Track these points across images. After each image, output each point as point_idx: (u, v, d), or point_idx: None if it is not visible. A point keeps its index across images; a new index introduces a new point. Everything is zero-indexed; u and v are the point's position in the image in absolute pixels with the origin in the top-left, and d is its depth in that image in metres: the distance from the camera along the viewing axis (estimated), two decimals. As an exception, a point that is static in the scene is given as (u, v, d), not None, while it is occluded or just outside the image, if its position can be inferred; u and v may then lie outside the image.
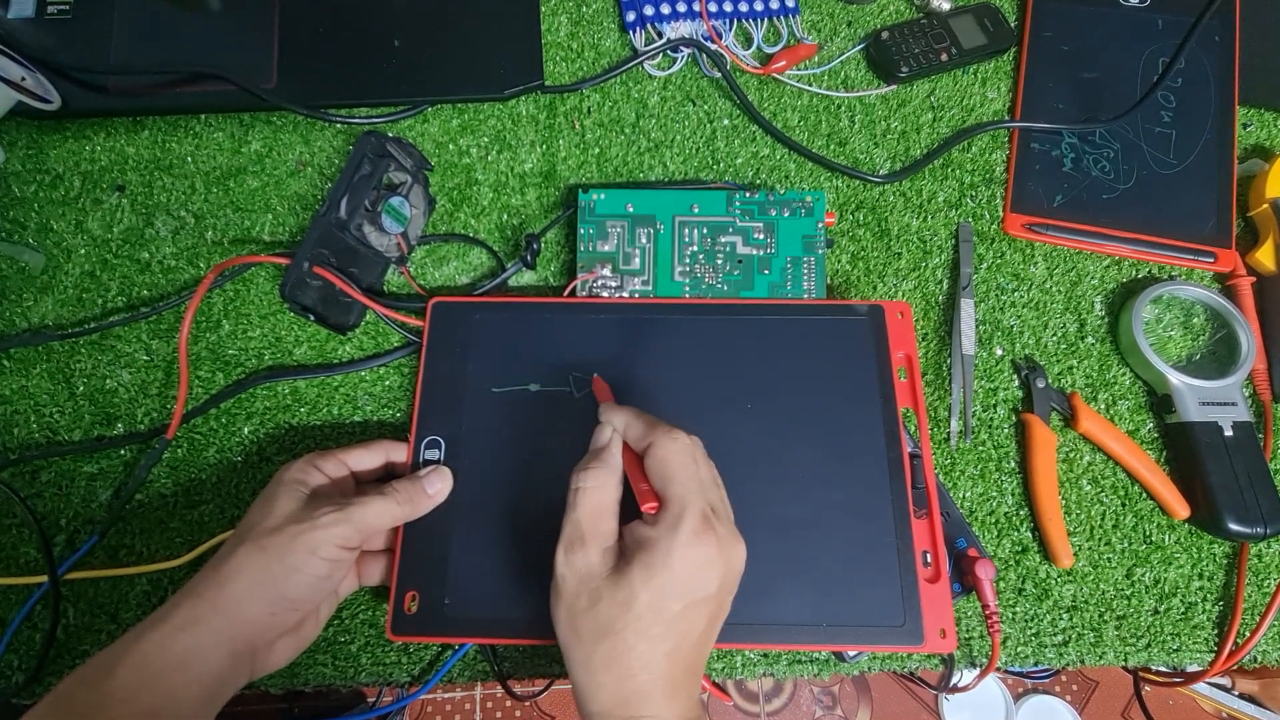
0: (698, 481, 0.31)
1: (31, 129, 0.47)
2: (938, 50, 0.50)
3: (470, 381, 0.40)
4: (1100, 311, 0.47)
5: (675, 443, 0.32)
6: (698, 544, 0.29)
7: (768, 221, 0.44)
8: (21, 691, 0.37)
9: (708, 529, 0.30)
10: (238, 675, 0.31)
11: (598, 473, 0.32)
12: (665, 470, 0.31)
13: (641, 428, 0.33)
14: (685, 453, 0.32)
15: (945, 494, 0.41)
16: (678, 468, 0.31)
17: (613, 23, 0.52)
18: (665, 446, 0.31)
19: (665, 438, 0.32)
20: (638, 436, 0.33)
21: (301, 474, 0.34)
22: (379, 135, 0.40)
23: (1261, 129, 0.52)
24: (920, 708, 1.12)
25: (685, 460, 0.31)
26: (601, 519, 0.31)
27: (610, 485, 0.32)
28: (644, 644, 0.28)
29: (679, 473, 0.31)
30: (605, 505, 0.32)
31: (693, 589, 0.29)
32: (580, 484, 0.32)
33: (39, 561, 0.39)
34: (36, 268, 0.44)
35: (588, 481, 0.32)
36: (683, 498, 0.30)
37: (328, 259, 0.39)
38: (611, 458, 0.33)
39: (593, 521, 0.31)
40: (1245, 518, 0.40)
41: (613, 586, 0.29)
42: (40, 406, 0.42)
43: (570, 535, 0.31)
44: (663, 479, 0.31)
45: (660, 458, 0.31)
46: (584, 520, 0.31)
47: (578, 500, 0.32)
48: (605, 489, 0.32)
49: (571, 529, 0.31)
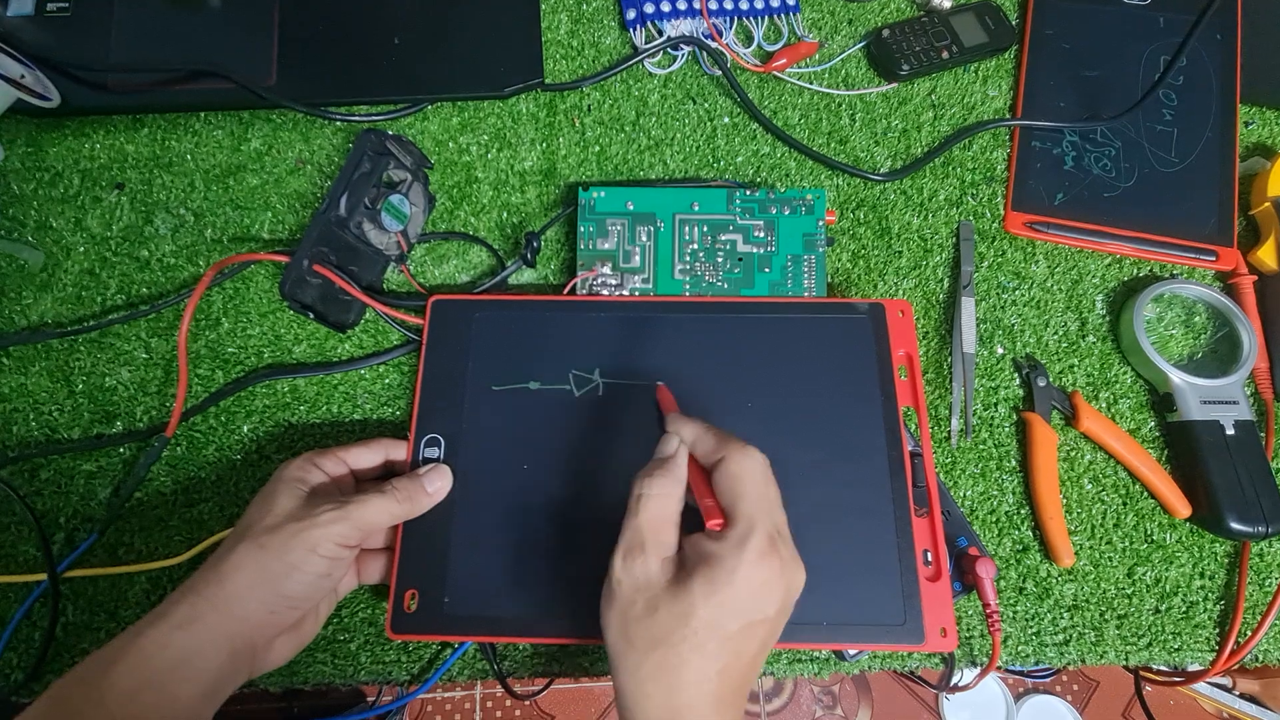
0: (767, 501, 0.30)
1: (31, 126, 0.47)
2: (939, 48, 0.50)
3: (470, 379, 0.40)
4: (1101, 310, 0.47)
5: (750, 459, 0.31)
6: (762, 565, 0.29)
7: (768, 219, 0.44)
8: (20, 690, 0.37)
9: (773, 550, 0.29)
10: (237, 673, 0.31)
11: (664, 481, 0.32)
12: (736, 487, 0.30)
13: (713, 441, 0.32)
14: (758, 470, 0.31)
15: (946, 492, 0.41)
16: (749, 484, 0.30)
17: (613, 20, 0.52)
18: (739, 463, 0.31)
19: (739, 453, 0.31)
20: (708, 450, 0.32)
21: (301, 472, 0.34)
22: (379, 133, 0.40)
23: (1263, 127, 0.52)
24: (920, 707, 1.12)
25: (757, 478, 0.31)
26: (663, 528, 0.31)
27: (675, 495, 0.32)
28: (698, 659, 0.28)
29: (750, 490, 0.30)
30: (668, 514, 0.31)
31: (752, 609, 0.29)
32: (644, 490, 0.31)
33: (38, 559, 0.39)
34: (35, 265, 0.44)
35: (653, 489, 0.31)
36: (751, 516, 0.30)
37: (327, 257, 0.39)
38: (678, 468, 0.32)
39: (654, 530, 0.30)
40: (1247, 516, 0.40)
41: (671, 598, 0.29)
42: (39, 404, 0.41)
43: (630, 541, 0.30)
44: (732, 495, 0.30)
45: (733, 474, 0.31)
46: (645, 527, 0.30)
47: (641, 507, 0.31)
48: (670, 498, 0.31)
49: (632, 534, 0.30)
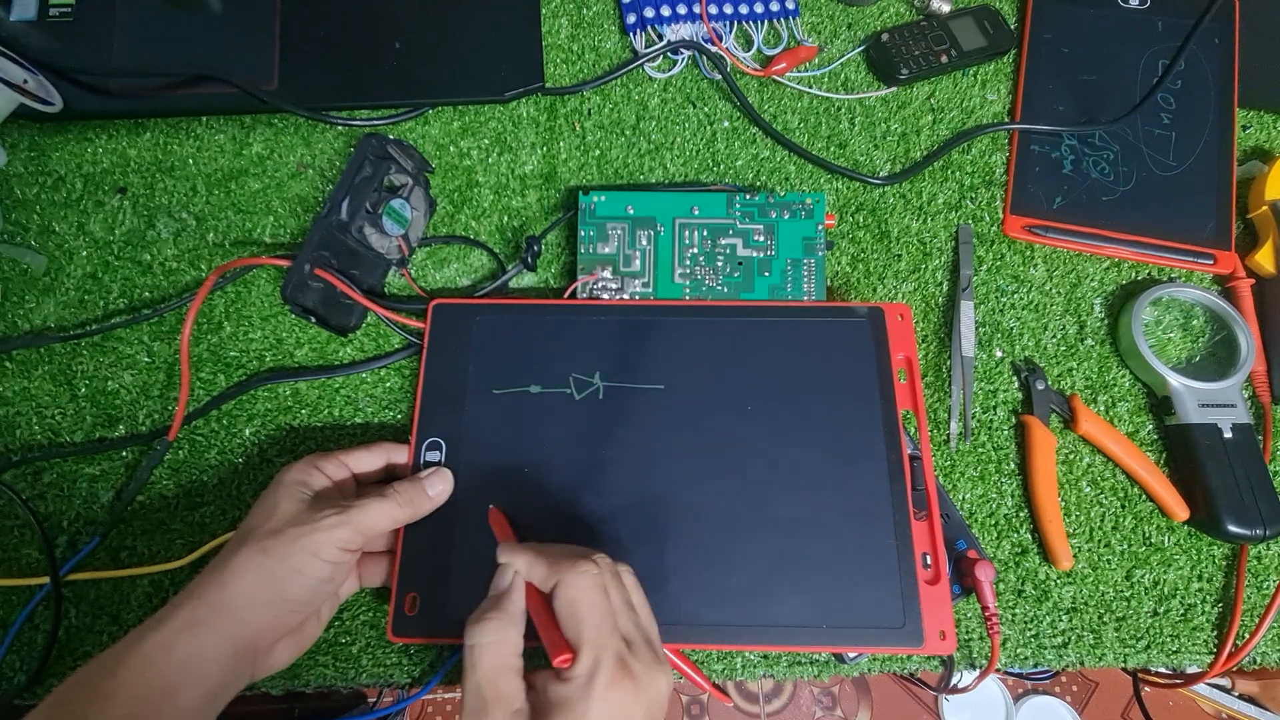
0: (610, 620, 0.29)
1: (33, 131, 0.47)
2: (938, 52, 0.51)
3: (471, 383, 0.40)
4: (1100, 313, 0.47)
5: (583, 578, 0.29)
6: (615, 693, 0.27)
7: (768, 224, 0.44)
8: (23, 693, 0.37)
9: (624, 675, 0.28)
10: (239, 677, 0.31)
11: (495, 624, 0.29)
12: (575, 612, 0.29)
13: (544, 567, 0.30)
14: (594, 588, 0.29)
15: (945, 496, 0.42)
16: (587, 608, 0.29)
17: (613, 25, 0.52)
18: (572, 585, 0.29)
19: (571, 574, 0.29)
20: (542, 576, 0.31)
21: (303, 475, 0.34)
22: (380, 137, 0.40)
23: (1261, 131, 0.52)
24: (920, 709, 1.12)
25: (595, 598, 0.29)
26: (503, 679, 0.28)
27: (510, 638, 0.30)
28: None
29: (589, 614, 0.29)
30: (506, 662, 0.29)
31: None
32: (476, 639, 0.29)
33: (41, 563, 0.39)
34: (38, 270, 0.44)
35: (484, 636, 0.29)
36: (596, 643, 0.28)
37: (329, 261, 0.39)
38: (512, 605, 0.30)
39: (493, 684, 0.28)
40: (1244, 519, 0.40)
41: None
42: (42, 408, 0.42)
43: (472, 705, 0.28)
44: (573, 622, 0.29)
45: (568, 599, 0.29)
46: (485, 684, 0.28)
47: (476, 659, 0.29)
48: (505, 643, 0.29)
49: (472, 697, 0.28)
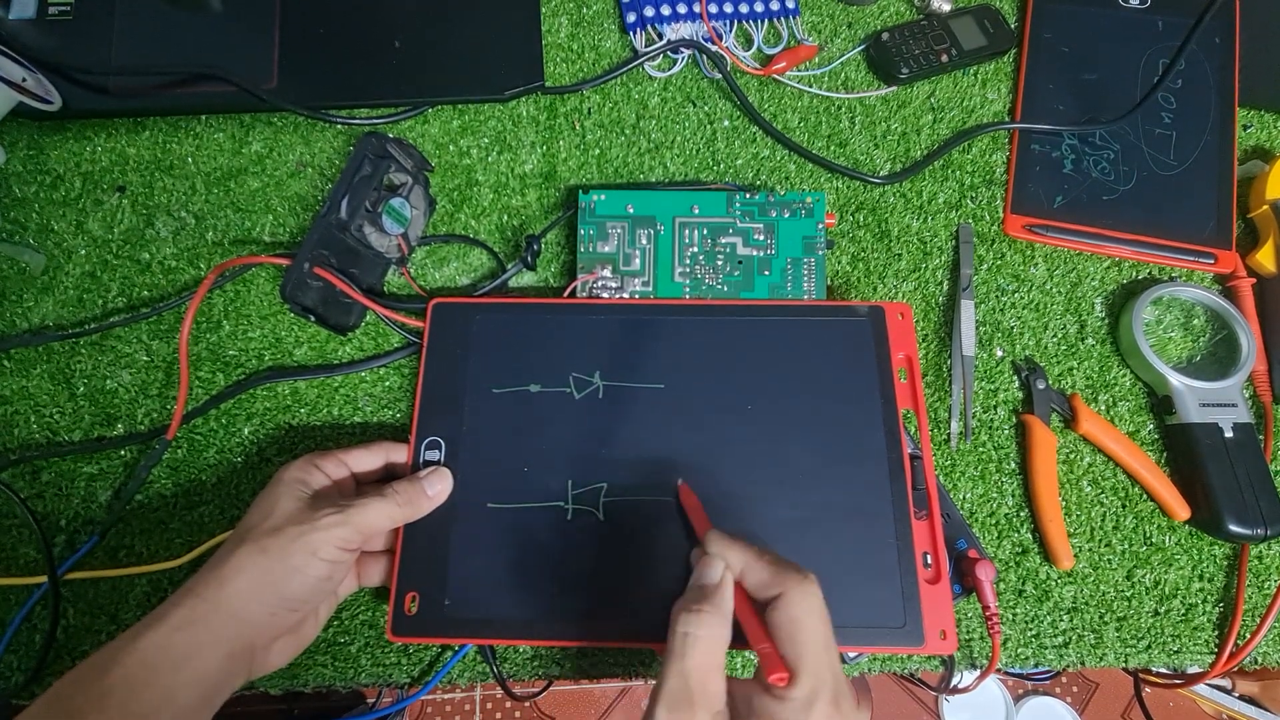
0: (831, 653, 0.27)
1: (32, 130, 0.47)
2: (938, 52, 0.50)
3: (470, 382, 0.40)
4: (1100, 313, 0.47)
5: (811, 599, 0.28)
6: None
7: (768, 223, 0.44)
8: (21, 692, 0.37)
9: (836, 713, 0.26)
10: (236, 676, 0.31)
11: (711, 619, 0.28)
12: (799, 634, 0.27)
13: (767, 573, 0.29)
14: (820, 613, 0.28)
15: (945, 495, 0.41)
16: (812, 633, 0.27)
17: (613, 24, 0.52)
18: (799, 604, 0.28)
19: (799, 590, 0.28)
20: (760, 583, 0.29)
21: (302, 473, 0.34)
22: (379, 136, 0.40)
23: (1261, 130, 0.52)
24: (920, 709, 1.12)
25: (820, 624, 0.28)
26: (711, 676, 0.27)
27: (724, 636, 0.28)
28: None
29: (813, 639, 0.27)
30: (716, 660, 0.28)
31: None
32: (691, 629, 0.28)
33: (39, 562, 0.39)
34: (37, 268, 0.44)
35: (700, 628, 0.28)
36: (817, 673, 0.27)
37: (328, 260, 0.39)
38: (724, 602, 0.29)
39: (701, 679, 0.27)
40: (1245, 519, 0.40)
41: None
42: (40, 407, 0.42)
43: (675, 692, 0.27)
44: (795, 643, 0.27)
45: (794, 618, 0.27)
46: (692, 675, 0.27)
47: (687, 649, 0.27)
48: (717, 640, 0.28)
49: (677, 683, 0.27)
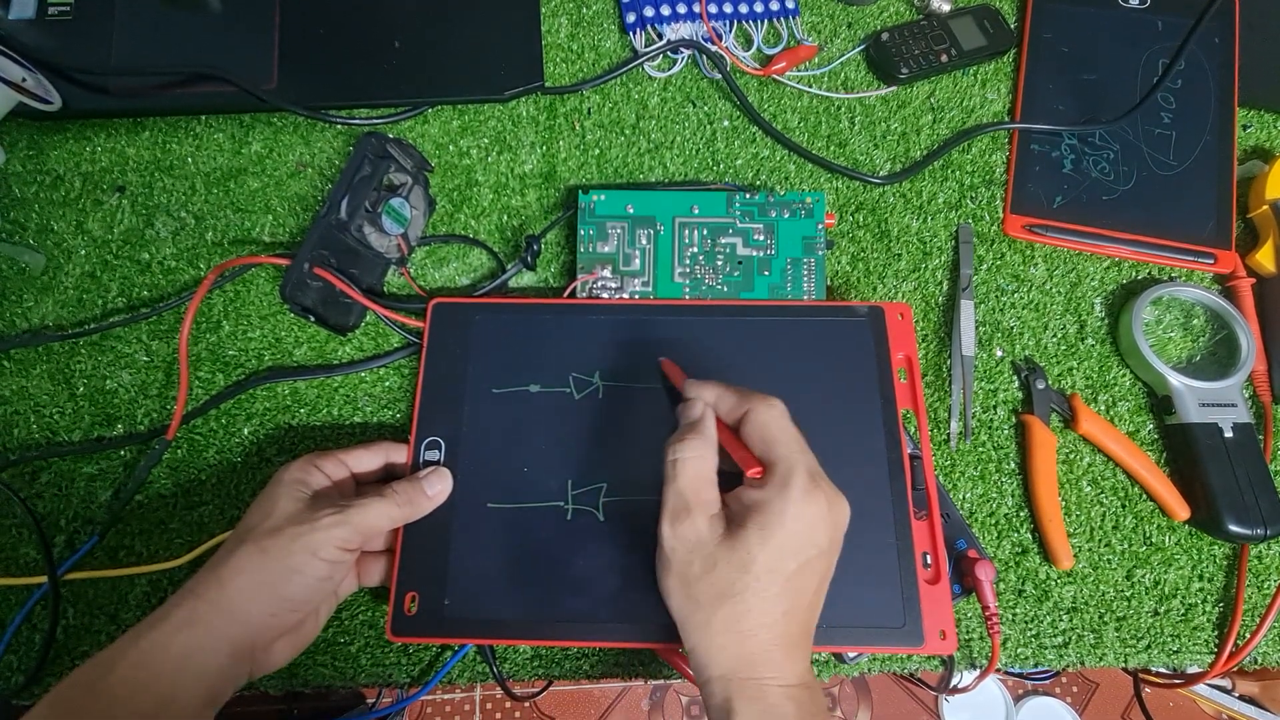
0: (799, 442, 0.32)
1: (32, 130, 0.47)
2: (938, 52, 0.51)
3: (470, 382, 0.40)
4: (1100, 313, 0.47)
5: (773, 408, 0.33)
6: (808, 501, 0.30)
7: (768, 223, 0.44)
8: (21, 692, 0.37)
9: (815, 486, 0.30)
10: (237, 675, 0.31)
11: (695, 442, 0.33)
12: (767, 434, 0.32)
13: (734, 398, 0.34)
14: (784, 416, 0.33)
15: (945, 495, 0.41)
16: (779, 430, 0.32)
17: (613, 24, 0.52)
18: (765, 412, 0.32)
19: (763, 404, 0.33)
20: (731, 406, 0.34)
21: (302, 474, 0.34)
22: (379, 136, 0.40)
23: (1261, 130, 0.52)
24: (920, 709, 1.12)
25: (785, 424, 0.32)
26: (704, 487, 0.32)
27: (709, 455, 0.33)
28: (762, 604, 0.29)
29: (781, 435, 0.32)
30: (705, 474, 0.32)
31: (806, 547, 0.30)
32: (679, 454, 0.32)
33: (38, 562, 0.39)
34: (37, 268, 0.44)
35: (686, 452, 0.32)
36: (789, 458, 0.31)
37: (328, 260, 0.39)
38: (707, 428, 0.33)
39: (695, 490, 0.32)
40: (1245, 519, 0.40)
41: (728, 550, 0.30)
42: (40, 407, 0.42)
43: (675, 506, 0.32)
44: (765, 442, 0.32)
45: (761, 422, 0.32)
46: (687, 490, 0.32)
47: (678, 471, 0.32)
48: (705, 458, 0.32)
49: (675, 499, 0.32)
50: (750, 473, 0.32)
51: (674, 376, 0.39)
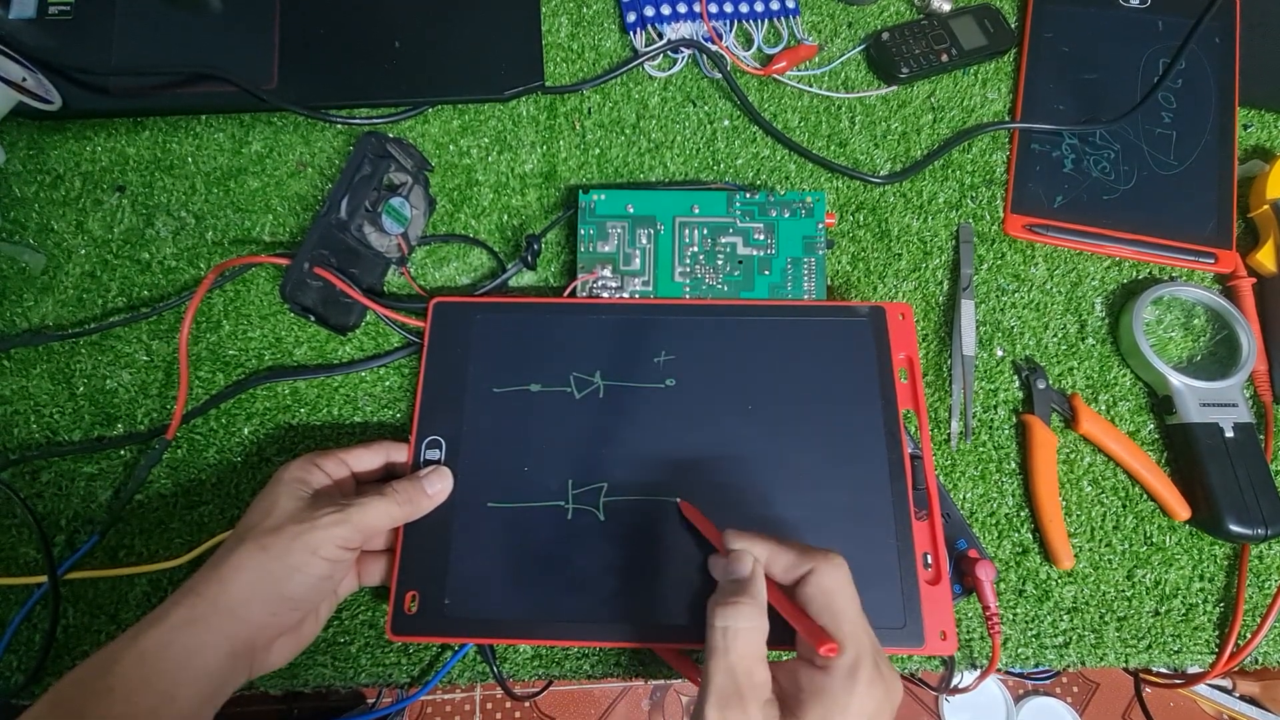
0: (865, 622, 0.29)
1: (32, 129, 0.47)
2: (938, 51, 0.50)
3: (471, 382, 0.40)
4: (1101, 312, 0.47)
5: (839, 571, 0.29)
6: (872, 692, 0.27)
7: (768, 222, 0.44)
8: (21, 692, 0.37)
9: (878, 674, 0.28)
10: (236, 675, 0.31)
11: (750, 611, 0.29)
12: (834, 604, 0.29)
13: (792, 556, 0.30)
14: (850, 583, 0.29)
15: (946, 495, 0.41)
16: (847, 601, 0.29)
17: (613, 24, 0.52)
18: (830, 576, 0.29)
19: (827, 564, 0.29)
20: (787, 565, 0.30)
21: (302, 473, 0.34)
22: (379, 136, 0.40)
23: (1262, 130, 0.52)
24: (920, 709, 1.12)
25: (851, 592, 0.29)
26: (756, 668, 0.28)
27: (763, 626, 0.29)
28: None
29: (848, 608, 0.29)
30: (758, 650, 0.29)
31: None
32: (730, 623, 0.28)
33: (39, 562, 0.39)
34: (37, 268, 0.44)
35: (740, 621, 0.28)
36: (857, 639, 0.28)
37: (328, 259, 0.39)
38: (759, 592, 0.30)
39: (747, 671, 0.28)
40: (1246, 519, 0.40)
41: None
42: (40, 407, 0.42)
43: (724, 688, 0.28)
44: (832, 615, 0.28)
45: (826, 589, 0.29)
46: (738, 668, 0.28)
47: (730, 644, 0.28)
48: (758, 630, 0.29)
49: (724, 679, 0.28)
50: (824, 651, 0.28)
51: (700, 525, 0.36)
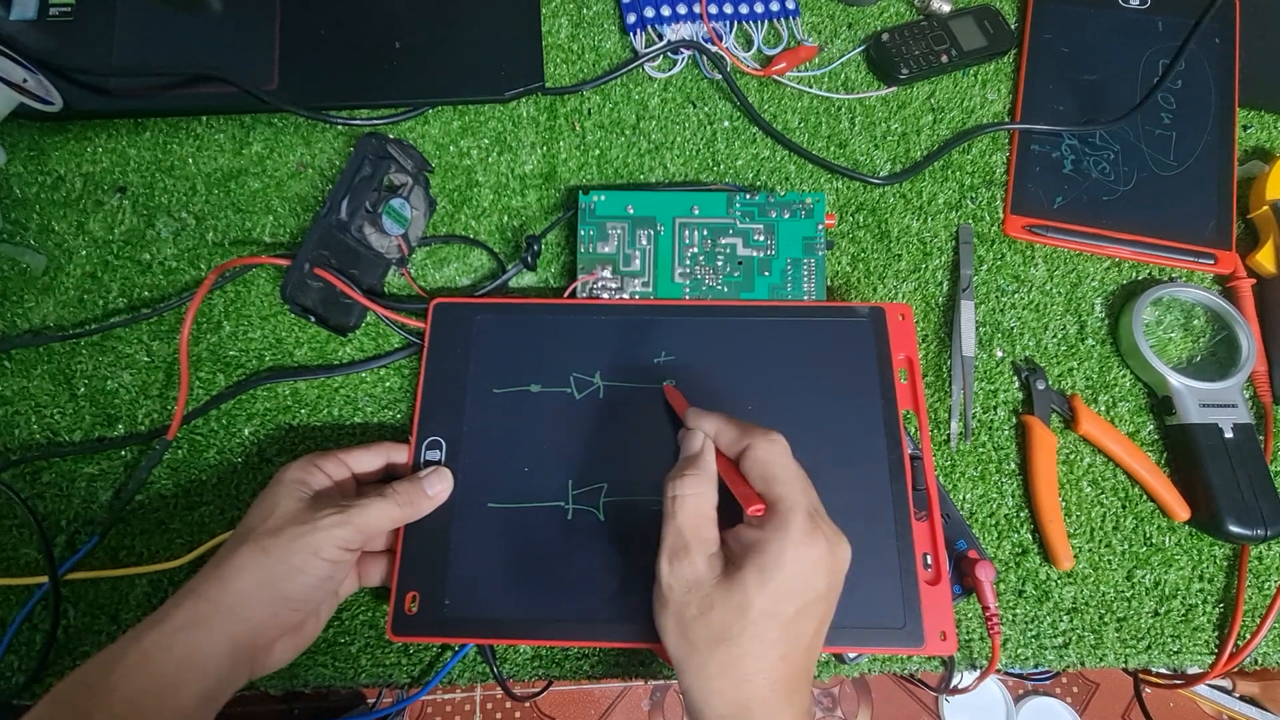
0: (800, 480, 0.31)
1: (33, 130, 0.47)
2: (938, 52, 0.51)
3: (471, 382, 0.40)
4: (1100, 313, 0.47)
5: (775, 444, 0.32)
6: (808, 544, 0.29)
7: (768, 223, 0.44)
8: (22, 692, 0.37)
9: (815, 528, 0.30)
10: (237, 675, 0.31)
11: (695, 479, 0.32)
12: (767, 471, 0.31)
13: (735, 432, 0.33)
14: (785, 453, 0.32)
15: (945, 496, 0.41)
16: (780, 468, 0.31)
17: (613, 25, 0.52)
18: (765, 448, 0.32)
19: (763, 439, 0.32)
20: (731, 440, 0.33)
21: (303, 474, 0.34)
22: (380, 137, 0.40)
23: (1261, 131, 0.52)
24: (920, 709, 1.12)
25: (786, 460, 0.32)
26: (703, 526, 0.31)
27: (709, 491, 0.32)
28: (760, 648, 0.28)
29: (781, 473, 0.31)
30: (705, 512, 0.32)
31: (805, 590, 0.29)
32: (678, 491, 0.32)
33: (39, 562, 0.39)
34: (38, 269, 0.44)
35: (686, 489, 0.32)
36: (789, 498, 0.30)
37: (328, 260, 0.39)
38: (707, 463, 0.33)
39: (694, 529, 0.31)
40: (1245, 519, 0.40)
41: (725, 592, 0.29)
42: (41, 407, 0.42)
43: (673, 544, 0.31)
44: (765, 480, 0.31)
45: (761, 459, 0.31)
46: (686, 528, 0.31)
47: (678, 508, 0.31)
48: (704, 495, 0.32)
49: (674, 537, 0.31)
50: (750, 510, 0.31)
51: (676, 404, 0.38)
